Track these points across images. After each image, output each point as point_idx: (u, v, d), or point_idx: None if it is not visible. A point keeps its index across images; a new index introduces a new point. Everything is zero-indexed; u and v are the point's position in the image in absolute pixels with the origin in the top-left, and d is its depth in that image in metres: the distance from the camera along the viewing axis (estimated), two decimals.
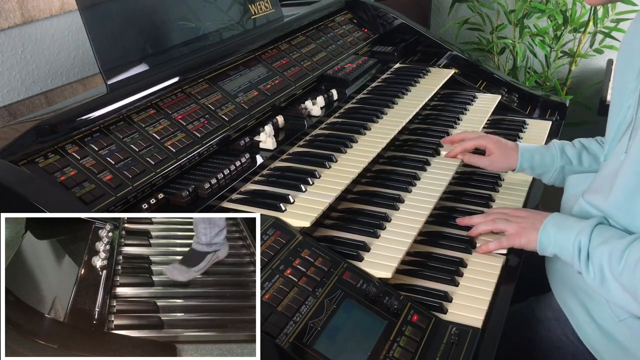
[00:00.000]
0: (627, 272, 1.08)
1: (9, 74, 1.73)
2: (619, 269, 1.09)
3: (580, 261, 1.16)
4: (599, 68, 2.94)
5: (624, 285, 1.09)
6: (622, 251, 1.10)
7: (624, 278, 1.09)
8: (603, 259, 1.12)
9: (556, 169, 1.50)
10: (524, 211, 1.34)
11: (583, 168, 1.48)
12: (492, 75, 2.12)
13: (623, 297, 1.11)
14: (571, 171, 1.49)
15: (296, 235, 1.17)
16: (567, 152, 1.50)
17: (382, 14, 2.19)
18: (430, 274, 1.25)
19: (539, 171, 1.53)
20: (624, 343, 1.21)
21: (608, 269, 1.11)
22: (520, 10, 2.75)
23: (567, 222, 1.22)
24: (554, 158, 1.50)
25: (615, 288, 1.11)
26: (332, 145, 1.50)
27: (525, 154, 1.52)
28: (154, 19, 1.47)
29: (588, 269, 1.15)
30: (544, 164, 1.51)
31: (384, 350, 1.02)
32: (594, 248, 1.14)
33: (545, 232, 1.24)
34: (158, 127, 1.32)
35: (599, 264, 1.13)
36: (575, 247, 1.16)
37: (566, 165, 1.49)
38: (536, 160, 1.51)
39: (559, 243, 1.21)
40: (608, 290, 1.13)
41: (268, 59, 1.72)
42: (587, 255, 1.15)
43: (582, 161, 1.48)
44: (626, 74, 1.24)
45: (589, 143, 1.51)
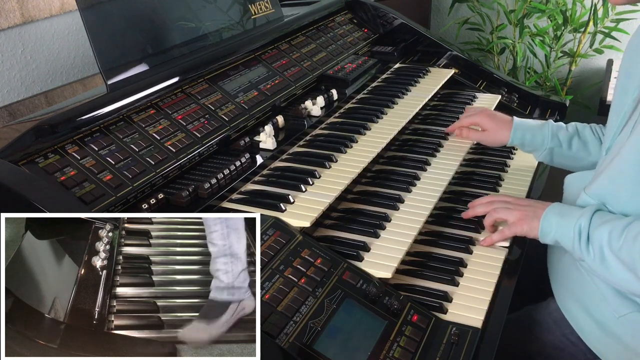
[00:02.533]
0: (626, 247, 1.10)
1: (9, 74, 1.73)
2: (619, 244, 1.11)
3: (580, 244, 1.17)
4: (599, 68, 2.94)
5: (623, 260, 1.10)
6: (622, 228, 1.11)
7: (623, 253, 1.10)
8: (603, 238, 1.13)
9: (545, 150, 1.56)
10: (525, 200, 1.36)
11: (571, 152, 1.54)
12: (492, 75, 2.12)
13: (623, 273, 1.12)
14: (560, 154, 1.55)
15: (296, 235, 1.17)
16: (559, 135, 1.54)
17: (382, 14, 2.19)
18: (430, 274, 1.25)
19: (528, 149, 1.61)
20: (624, 339, 1.21)
21: (607, 247, 1.12)
22: (520, 10, 2.75)
23: (568, 209, 1.24)
24: (545, 139, 1.55)
25: (615, 265, 1.12)
26: (332, 145, 1.51)
27: (518, 131, 1.58)
28: (154, 19, 1.47)
29: (588, 250, 1.16)
30: (534, 143, 1.58)
31: (384, 350, 1.02)
32: (593, 229, 1.16)
33: (546, 219, 1.25)
34: (158, 127, 1.32)
35: (598, 243, 1.14)
36: (576, 231, 1.17)
37: (555, 148, 1.55)
38: (527, 139, 1.58)
39: (560, 229, 1.22)
40: (608, 268, 1.13)
41: (268, 59, 1.72)
42: (587, 237, 1.16)
43: (572, 145, 1.53)
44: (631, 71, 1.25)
45: (582, 128, 1.55)
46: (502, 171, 1.68)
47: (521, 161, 1.74)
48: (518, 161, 1.75)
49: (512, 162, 1.74)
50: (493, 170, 1.69)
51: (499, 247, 1.34)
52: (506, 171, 1.69)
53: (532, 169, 1.71)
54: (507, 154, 1.77)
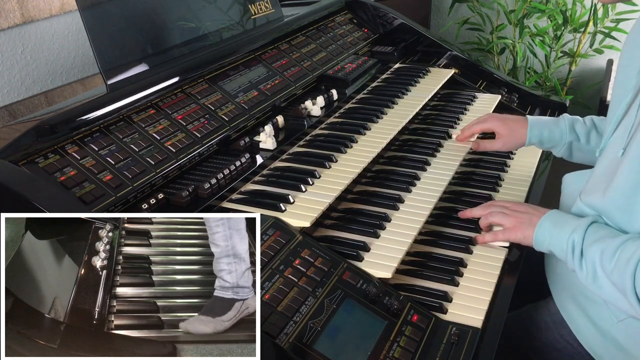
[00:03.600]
0: (617, 270, 1.08)
1: (9, 74, 1.73)
2: (610, 267, 1.09)
3: (573, 259, 1.16)
4: (599, 68, 2.94)
5: (614, 282, 1.10)
6: (614, 250, 1.10)
7: (614, 276, 1.09)
8: (595, 257, 1.12)
9: (564, 144, 1.53)
10: (523, 206, 1.35)
11: (590, 147, 1.51)
12: (492, 75, 2.12)
13: (614, 294, 1.11)
14: (578, 148, 1.53)
15: (296, 235, 1.17)
16: (577, 129, 1.52)
17: (382, 14, 2.19)
18: (430, 274, 1.25)
19: (548, 145, 1.57)
20: (622, 344, 1.21)
21: (600, 267, 1.11)
22: (520, 10, 2.75)
23: (563, 219, 1.23)
24: (563, 133, 1.53)
25: (606, 285, 1.11)
26: (332, 145, 1.51)
27: (534, 129, 1.55)
28: (154, 19, 1.47)
29: (581, 266, 1.15)
30: (552, 139, 1.55)
31: (384, 350, 1.02)
32: (587, 246, 1.15)
33: (541, 229, 1.24)
34: (158, 127, 1.32)
35: (591, 261, 1.13)
36: (569, 245, 1.17)
37: (574, 142, 1.52)
38: (545, 136, 1.55)
39: (553, 240, 1.21)
40: (600, 287, 1.13)
41: (268, 59, 1.72)
42: (580, 253, 1.15)
43: (590, 140, 1.51)
44: (628, 70, 1.24)
45: (599, 122, 1.53)
46: (502, 171, 1.68)
47: (521, 161, 1.75)
48: (518, 161, 1.75)
49: (512, 162, 1.74)
50: (493, 170, 1.68)
51: (499, 247, 1.34)
52: (506, 171, 1.69)
53: (532, 169, 1.71)
54: (507, 154, 1.77)
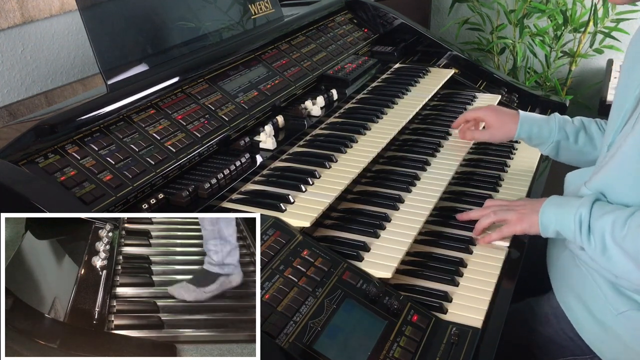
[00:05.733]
0: (630, 236, 1.10)
1: (9, 74, 1.73)
2: (622, 233, 1.11)
3: (581, 233, 1.17)
4: (599, 68, 2.94)
5: (626, 249, 1.11)
6: (625, 218, 1.12)
7: (627, 242, 1.11)
8: (605, 227, 1.14)
9: (552, 143, 1.56)
10: (520, 200, 1.37)
11: (577, 146, 1.54)
12: (492, 75, 2.12)
13: (624, 263, 1.12)
14: (566, 147, 1.55)
15: (296, 235, 1.17)
16: (566, 128, 1.55)
17: (382, 14, 2.19)
18: (430, 274, 1.25)
19: (536, 142, 1.60)
20: (622, 336, 1.21)
21: (610, 236, 1.13)
22: (520, 10, 2.75)
23: (565, 200, 1.25)
24: (552, 132, 1.55)
25: (616, 255, 1.13)
26: (332, 145, 1.50)
27: (525, 124, 1.58)
28: (154, 19, 1.47)
29: (589, 240, 1.16)
30: (541, 136, 1.57)
31: (384, 350, 1.02)
32: (595, 219, 1.16)
33: (545, 213, 1.26)
34: (158, 127, 1.32)
35: (600, 233, 1.15)
36: (577, 221, 1.18)
37: (562, 141, 1.55)
38: (534, 132, 1.57)
39: (560, 220, 1.23)
40: (609, 258, 1.14)
41: (268, 59, 1.72)
42: (588, 227, 1.17)
43: (578, 140, 1.54)
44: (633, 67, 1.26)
45: (589, 123, 1.55)
46: (502, 171, 1.68)
47: (521, 161, 1.75)
48: (518, 161, 1.75)
49: (512, 162, 1.74)
50: (493, 170, 1.69)
51: (499, 247, 1.34)
52: (506, 171, 1.69)
53: (532, 169, 1.71)
54: (507, 154, 1.77)
